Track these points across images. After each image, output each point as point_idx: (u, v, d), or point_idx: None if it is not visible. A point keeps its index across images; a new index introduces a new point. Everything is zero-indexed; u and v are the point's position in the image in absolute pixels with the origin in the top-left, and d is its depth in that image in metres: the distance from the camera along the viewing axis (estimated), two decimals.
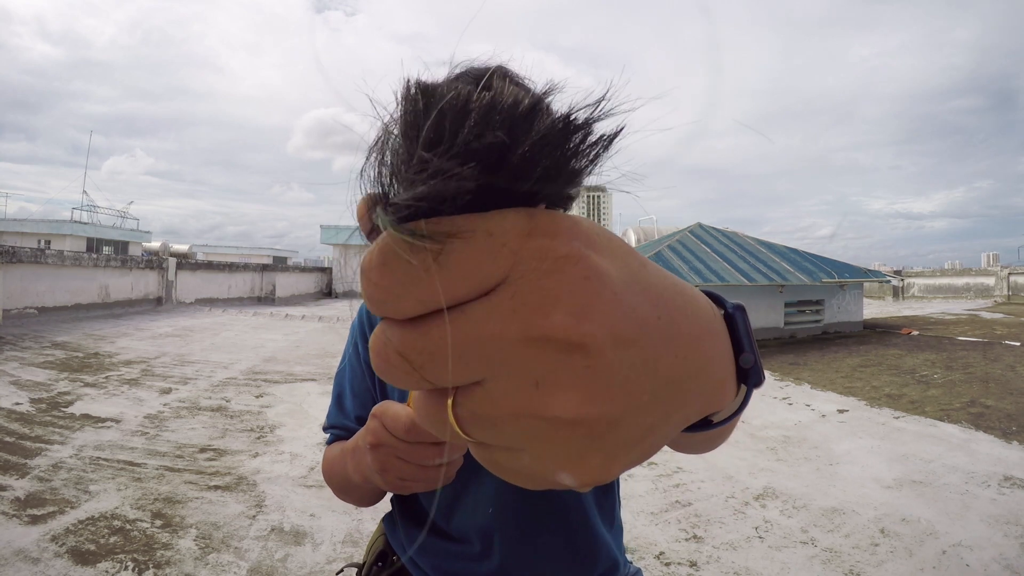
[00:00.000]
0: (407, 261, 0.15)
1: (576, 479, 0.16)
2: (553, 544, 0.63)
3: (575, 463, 0.16)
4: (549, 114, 0.16)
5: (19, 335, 7.37)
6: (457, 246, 0.15)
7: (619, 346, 0.15)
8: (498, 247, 0.15)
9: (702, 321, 0.19)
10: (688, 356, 0.17)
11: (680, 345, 0.17)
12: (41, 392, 4.44)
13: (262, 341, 7.83)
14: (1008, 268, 19.13)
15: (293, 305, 15.69)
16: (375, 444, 0.47)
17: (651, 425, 0.17)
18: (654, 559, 2.17)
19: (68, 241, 21.57)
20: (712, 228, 10.09)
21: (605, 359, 0.15)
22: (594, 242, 0.16)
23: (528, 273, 0.15)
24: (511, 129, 0.15)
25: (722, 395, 0.20)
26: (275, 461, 3.11)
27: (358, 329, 0.73)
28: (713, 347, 0.19)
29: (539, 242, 0.15)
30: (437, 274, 0.15)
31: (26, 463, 2.92)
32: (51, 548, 2.11)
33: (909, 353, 7.19)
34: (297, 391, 4.83)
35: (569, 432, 0.15)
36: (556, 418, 0.15)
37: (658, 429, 0.17)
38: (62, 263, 9.83)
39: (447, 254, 0.15)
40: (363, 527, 2.36)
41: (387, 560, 0.72)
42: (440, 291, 0.15)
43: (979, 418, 4.09)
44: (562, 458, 0.16)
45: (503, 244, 0.15)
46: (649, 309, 0.16)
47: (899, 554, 2.20)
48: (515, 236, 0.15)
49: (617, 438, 0.16)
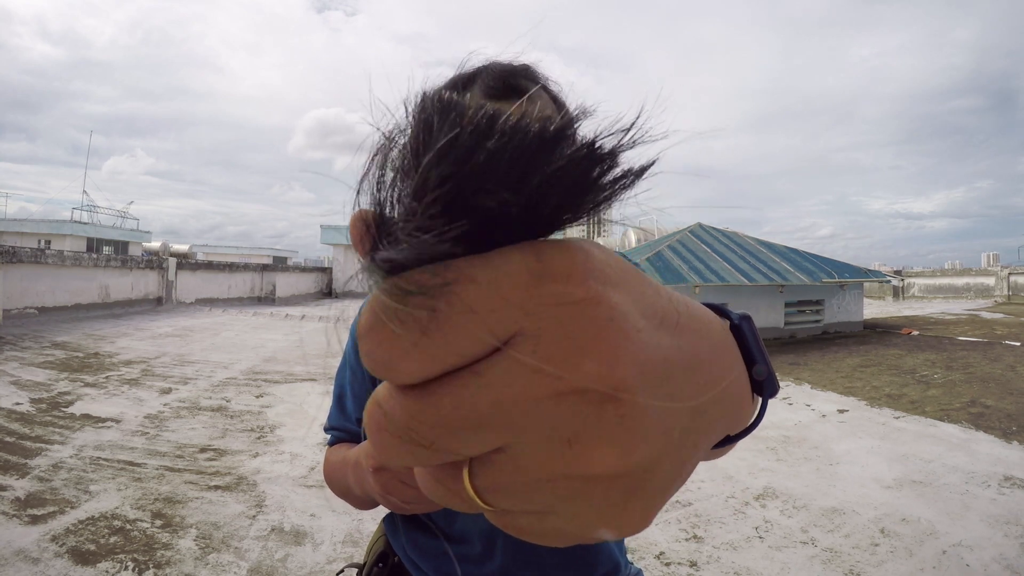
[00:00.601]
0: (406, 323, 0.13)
1: (617, 532, 0.15)
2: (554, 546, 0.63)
3: (615, 517, 0.15)
4: (572, 143, 0.14)
5: (19, 335, 7.37)
6: (458, 300, 0.13)
7: (650, 387, 0.14)
8: (506, 297, 0.13)
9: (716, 342, 0.18)
10: (709, 381, 0.16)
11: (702, 372, 0.16)
12: (41, 392, 4.44)
13: (262, 341, 7.83)
14: (1008, 268, 19.13)
15: (293, 305, 15.69)
16: (377, 468, 0.46)
17: (684, 460, 0.16)
18: (654, 559, 2.17)
19: (68, 241, 21.57)
20: (712, 228, 10.09)
21: (639, 404, 0.13)
22: (609, 276, 0.14)
23: (547, 322, 0.13)
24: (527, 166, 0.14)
25: (741, 413, 0.20)
26: (275, 461, 3.11)
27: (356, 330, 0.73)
28: (730, 367, 0.19)
29: (553, 287, 0.13)
30: (437, 336, 0.13)
31: (26, 463, 2.92)
32: (51, 548, 2.11)
33: (909, 353, 7.19)
34: (297, 391, 4.83)
35: (608, 487, 0.14)
36: (594, 475, 0.14)
37: (689, 462, 0.16)
38: (62, 263, 9.84)
39: (447, 310, 0.13)
40: (363, 527, 2.36)
41: (388, 561, 0.71)
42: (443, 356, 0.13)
43: (979, 418, 4.09)
44: (601, 514, 0.15)
45: (512, 293, 0.13)
46: (670, 340, 0.15)
47: (899, 554, 2.20)
48: (524, 283, 0.13)
49: (656, 482, 0.15)
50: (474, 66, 0.65)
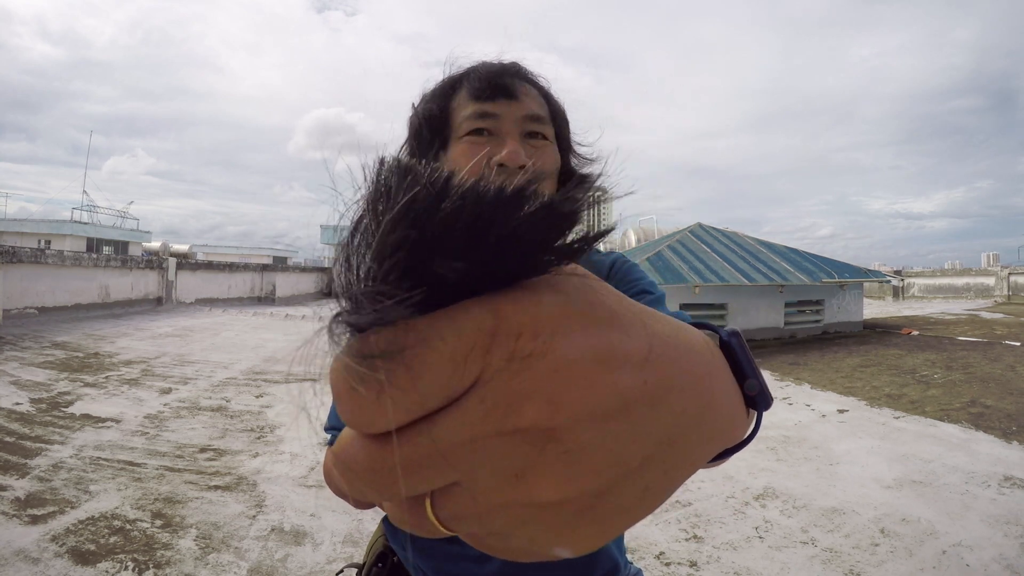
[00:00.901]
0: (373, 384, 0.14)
1: (571, 550, 0.17)
2: None
3: (568, 537, 0.16)
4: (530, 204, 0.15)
5: (19, 335, 7.37)
6: (417, 362, 0.14)
7: (596, 424, 0.15)
8: (462, 357, 0.14)
9: (699, 366, 0.18)
10: (686, 408, 0.17)
11: (675, 400, 0.16)
12: (41, 392, 4.44)
13: (262, 341, 7.83)
14: (1008, 268, 19.14)
15: (293, 305, 15.69)
16: None
17: (646, 485, 0.16)
18: (654, 559, 2.17)
19: (68, 241, 21.58)
20: (712, 228, 10.09)
21: (580, 441, 0.15)
22: (564, 326, 0.15)
23: (496, 376, 0.14)
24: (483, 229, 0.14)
25: (733, 430, 0.20)
26: (275, 461, 3.11)
27: None
28: (715, 387, 0.19)
29: (505, 345, 0.14)
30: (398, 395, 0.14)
31: (26, 463, 2.92)
32: (51, 548, 2.11)
33: (909, 353, 7.19)
34: (297, 391, 4.83)
35: (555, 512, 0.15)
36: (542, 503, 0.15)
37: (656, 485, 0.17)
38: (62, 263, 9.84)
39: (406, 373, 0.14)
40: (363, 527, 2.36)
41: (387, 561, 0.72)
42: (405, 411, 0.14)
43: (979, 418, 4.09)
44: (554, 535, 0.16)
45: (467, 352, 0.14)
46: (632, 377, 0.15)
47: (899, 554, 2.20)
48: (480, 342, 0.14)
49: (608, 506, 0.16)
50: (462, 67, 0.65)
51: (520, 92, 0.60)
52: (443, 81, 0.65)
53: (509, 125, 0.59)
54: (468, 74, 0.63)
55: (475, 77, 0.61)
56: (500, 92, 0.59)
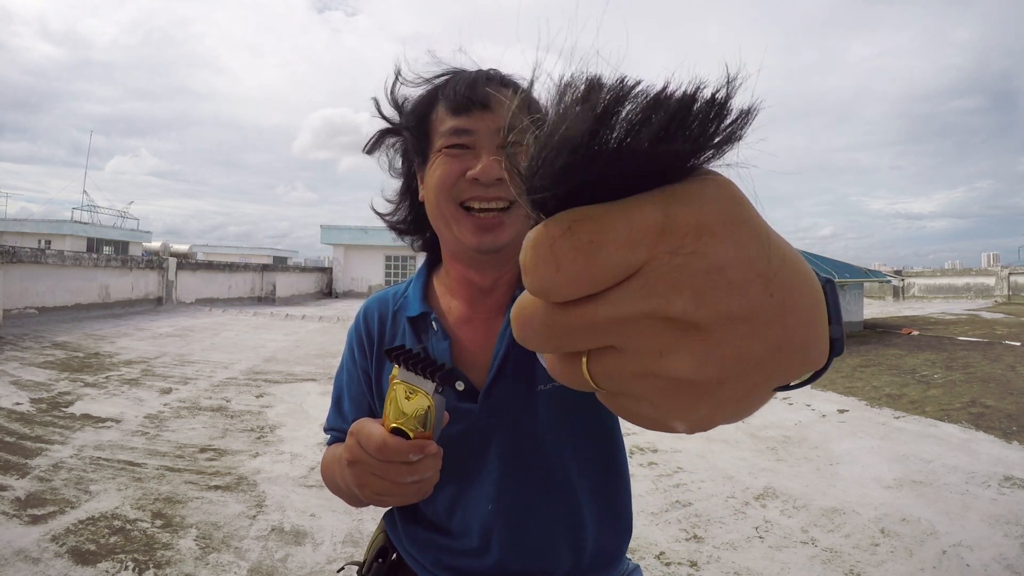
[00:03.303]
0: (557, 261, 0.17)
1: (686, 426, 0.20)
2: (551, 540, 0.63)
3: (686, 413, 0.19)
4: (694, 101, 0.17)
5: (19, 335, 7.38)
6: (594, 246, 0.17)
7: (729, 324, 0.17)
8: (635, 244, 0.17)
9: (812, 297, 0.21)
10: (797, 328, 0.19)
11: (789, 319, 0.19)
12: (41, 392, 4.44)
13: (262, 341, 7.84)
14: (1008, 268, 19.15)
15: (293, 305, 15.70)
16: (351, 461, 0.51)
17: (755, 383, 0.19)
18: (654, 559, 2.17)
19: (68, 241, 21.56)
20: None
21: (716, 335, 0.17)
22: (719, 234, 0.17)
23: (659, 267, 0.17)
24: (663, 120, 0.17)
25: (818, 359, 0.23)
26: (275, 461, 3.11)
27: (355, 337, 0.74)
28: (820, 320, 0.21)
29: (671, 241, 0.17)
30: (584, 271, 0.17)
31: (26, 463, 2.92)
32: (51, 548, 2.11)
33: (909, 353, 7.19)
34: (297, 391, 4.83)
35: (684, 390, 0.18)
36: (675, 379, 0.18)
37: (760, 387, 0.19)
38: (62, 263, 9.84)
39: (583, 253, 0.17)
40: (363, 527, 2.36)
41: (387, 556, 0.72)
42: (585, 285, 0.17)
43: (979, 418, 4.09)
44: (677, 409, 0.19)
45: (640, 240, 0.17)
46: (761, 289, 0.18)
47: (899, 554, 2.20)
48: (650, 236, 0.17)
49: (723, 395, 0.18)
50: (441, 79, 0.65)
51: (495, 102, 0.60)
52: (420, 95, 0.66)
53: (484, 139, 0.60)
54: (444, 86, 0.63)
55: (450, 90, 0.62)
56: (475, 104, 0.60)
